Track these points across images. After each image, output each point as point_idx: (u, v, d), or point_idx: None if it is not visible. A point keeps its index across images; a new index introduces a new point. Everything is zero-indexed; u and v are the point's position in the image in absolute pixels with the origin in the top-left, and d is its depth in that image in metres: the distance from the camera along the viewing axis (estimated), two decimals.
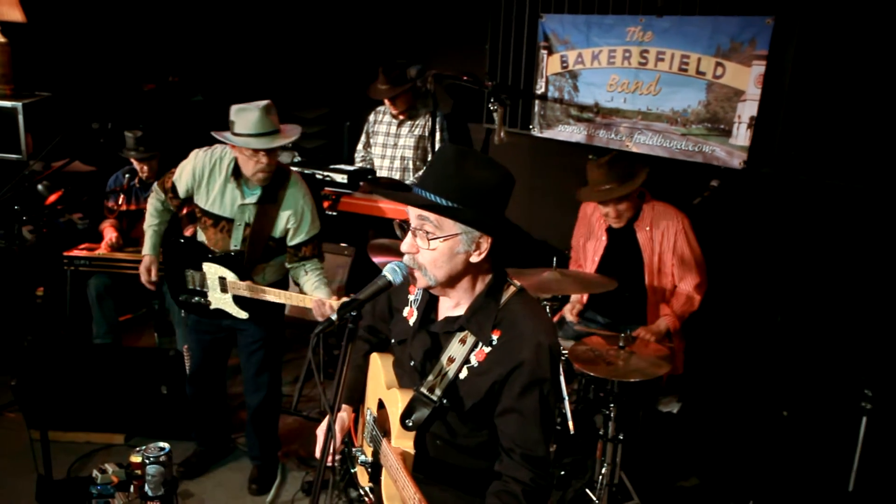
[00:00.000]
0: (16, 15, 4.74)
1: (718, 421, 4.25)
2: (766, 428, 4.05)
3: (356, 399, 2.10)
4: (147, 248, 3.48)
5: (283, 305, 3.46)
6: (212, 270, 3.34)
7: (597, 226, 3.85)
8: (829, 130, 3.75)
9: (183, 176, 3.33)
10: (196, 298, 3.44)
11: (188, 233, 4.01)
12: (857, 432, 3.38)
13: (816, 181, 3.82)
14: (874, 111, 3.58)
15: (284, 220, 3.27)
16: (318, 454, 1.94)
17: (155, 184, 3.52)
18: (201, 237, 3.43)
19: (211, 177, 3.27)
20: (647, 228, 3.67)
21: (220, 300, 3.38)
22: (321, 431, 1.95)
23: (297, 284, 3.45)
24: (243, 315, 3.35)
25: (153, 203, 3.51)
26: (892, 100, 3.52)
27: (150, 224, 3.50)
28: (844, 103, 3.68)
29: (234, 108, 3.12)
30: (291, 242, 3.33)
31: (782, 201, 3.98)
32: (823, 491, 3.66)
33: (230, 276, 3.30)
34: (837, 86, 3.69)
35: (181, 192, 3.36)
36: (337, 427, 1.94)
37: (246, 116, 3.07)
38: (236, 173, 3.23)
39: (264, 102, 3.14)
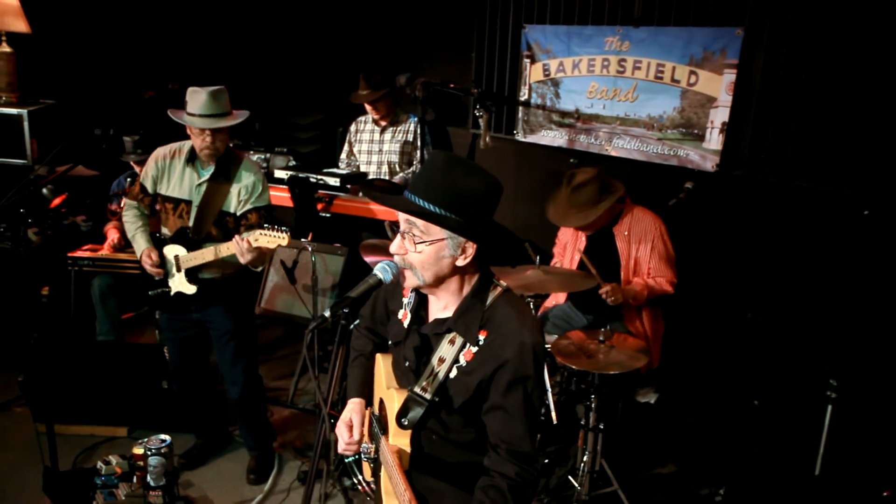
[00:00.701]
0: (21, 26, 4.73)
1: (694, 411, 4.27)
2: (738, 417, 4.07)
3: (367, 393, 2.09)
4: (141, 245, 3.43)
5: (249, 296, 3.55)
6: (169, 253, 3.36)
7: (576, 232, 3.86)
8: (796, 135, 3.78)
9: (148, 171, 3.39)
10: (159, 289, 3.42)
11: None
12: (822, 420, 3.41)
13: (785, 183, 3.84)
14: (838, 116, 3.61)
15: (236, 193, 3.31)
16: (341, 448, 1.95)
17: (125, 198, 3.54)
18: (164, 231, 3.43)
19: (171, 164, 3.35)
20: (626, 233, 3.68)
21: (176, 282, 3.39)
22: (342, 425, 1.95)
23: None
24: (192, 289, 3.35)
25: (129, 214, 3.49)
26: (855, 105, 3.56)
27: (133, 230, 3.48)
28: (810, 109, 3.71)
29: (189, 90, 3.24)
30: (239, 212, 3.34)
31: (753, 202, 4.01)
32: (792, 475, 3.69)
33: (182, 252, 3.32)
34: (804, 92, 3.72)
35: (149, 187, 3.40)
36: (356, 416, 1.96)
37: (196, 98, 3.18)
38: (192, 157, 3.32)
39: (216, 87, 3.24)
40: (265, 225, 3.13)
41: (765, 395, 3.99)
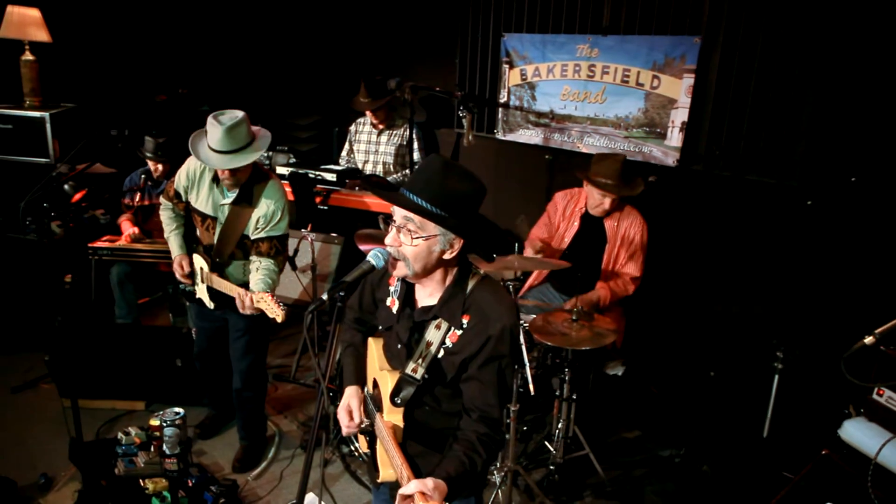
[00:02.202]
0: (43, 36, 4.69)
1: (657, 381, 4.31)
2: (696, 386, 4.11)
3: (361, 380, 2.08)
4: (175, 249, 3.33)
5: None
6: (196, 262, 3.27)
7: (572, 213, 3.83)
8: (747, 133, 3.80)
9: (181, 180, 3.22)
10: (188, 287, 3.38)
11: None
12: (770, 388, 3.48)
13: (737, 176, 3.87)
14: (784, 116, 3.64)
15: (255, 220, 3.12)
16: (344, 431, 1.95)
17: (162, 197, 3.40)
18: (197, 232, 3.33)
19: (201, 179, 3.17)
20: (615, 223, 3.70)
21: (199, 289, 3.31)
22: (342, 412, 1.96)
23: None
24: (210, 305, 3.26)
25: (165, 214, 3.37)
26: (799, 106, 3.59)
27: (169, 232, 3.36)
28: (760, 109, 3.74)
29: (210, 118, 2.91)
30: (253, 237, 3.15)
31: (710, 194, 4.03)
32: (743, 437, 3.74)
33: (206, 267, 3.21)
34: (754, 94, 3.75)
35: (182, 195, 3.26)
36: (355, 402, 1.96)
37: (213, 132, 2.88)
38: (217, 177, 3.11)
39: (235, 118, 2.90)
40: (272, 297, 2.86)
41: (719, 367, 4.04)
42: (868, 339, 1.58)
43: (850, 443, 2.84)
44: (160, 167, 4.36)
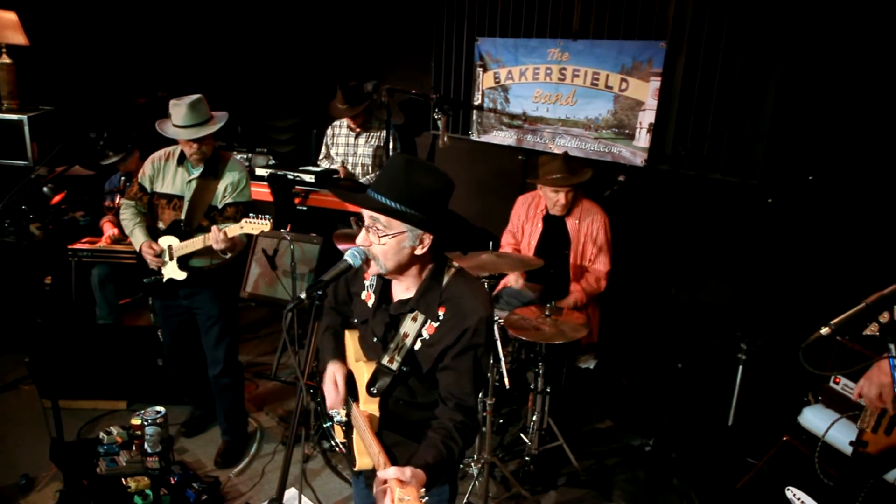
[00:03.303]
0: (19, 39, 4.60)
1: (627, 374, 4.35)
2: (664, 378, 4.15)
3: (342, 356, 2.05)
4: (140, 238, 3.33)
5: (233, 285, 3.46)
6: (163, 243, 3.29)
7: (534, 215, 3.86)
8: (710, 134, 3.86)
9: (146, 171, 3.33)
10: (152, 277, 3.34)
11: None
12: (734, 378, 3.52)
13: (702, 175, 3.92)
14: (745, 117, 3.70)
15: (223, 189, 3.26)
16: (329, 404, 1.95)
17: (124, 199, 3.43)
18: (160, 224, 3.34)
19: (166, 165, 3.31)
20: (577, 221, 3.72)
21: (168, 270, 3.30)
22: (327, 384, 1.95)
23: None
24: (182, 275, 3.28)
25: (128, 212, 3.38)
26: (759, 107, 3.65)
27: (132, 225, 3.37)
28: (722, 111, 3.79)
29: (171, 103, 3.15)
30: (220, 204, 3.27)
31: (676, 192, 4.08)
32: (709, 426, 3.79)
33: (174, 242, 3.26)
34: (716, 97, 3.79)
35: (147, 186, 3.33)
36: (340, 374, 1.95)
37: (178, 110, 3.11)
38: (182, 158, 3.28)
39: (194, 97, 3.15)
40: (250, 214, 3.11)
41: (687, 359, 4.08)
42: (824, 330, 1.60)
43: (809, 429, 2.90)
44: (131, 163, 4.29)
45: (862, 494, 2.41)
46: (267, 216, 3.06)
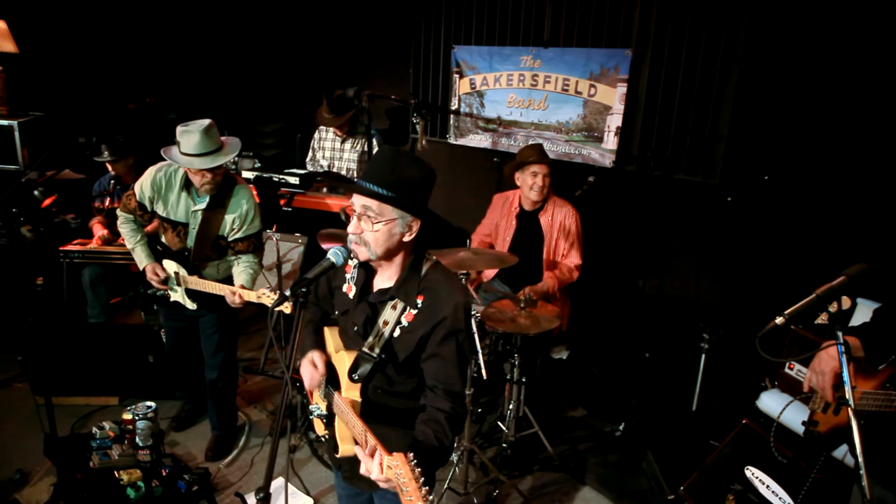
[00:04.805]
0: (9, 46, 4.51)
1: (598, 364, 4.38)
2: (633, 367, 4.20)
3: (321, 346, 2.04)
4: (143, 260, 3.16)
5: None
6: (170, 267, 3.16)
7: (508, 213, 3.87)
8: (674, 136, 3.89)
9: (144, 191, 3.05)
10: (159, 292, 3.25)
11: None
12: (697, 366, 3.57)
13: (666, 176, 3.96)
14: (705, 120, 3.74)
15: (230, 222, 3.07)
16: (307, 384, 1.93)
17: (119, 210, 3.18)
18: (163, 238, 3.19)
19: (168, 188, 3.03)
20: (549, 217, 3.74)
21: (177, 295, 3.20)
22: (305, 365, 1.93)
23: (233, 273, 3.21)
24: (192, 306, 3.17)
25: (127, 227, 3.17)
26: (719, 112, 3.69)
27: (134, 244, 3.18)
28: (684, 114, 3.83)
29: (179, 129, 2.85)
30: (230, 238, 3.11)
31: (642, 191, 4.11)
32: (674, 411, 3.85)
33: (182, 272, 3.12)
34: (679, 103, 3.83)
35: (147, 206, 3.08)
36: (318, 356, 1.93)
37: (189, 138, 2.81)
38: (187, 185, 3.01)
39: (205, 123, 2.86)
40: (269, 287, 2.88)
41: (653, 349, 4.14)
42: (779, 320, 1.64)
43: (766, 412, 2.96)
44: (120, 167, 4.22)
45: (814, 471, 2.46)
46: (287, 295, 2.81)
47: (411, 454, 1.48)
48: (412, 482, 1.41)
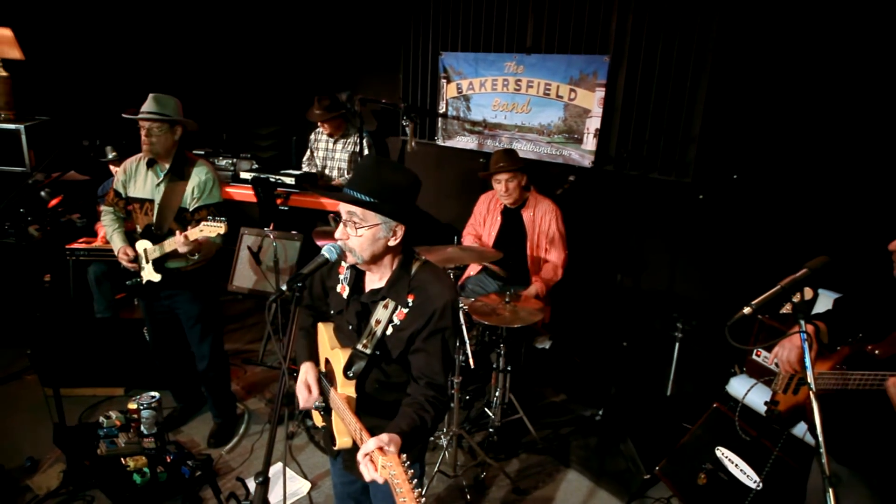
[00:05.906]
0: (15, 54, 4.48)
1: (579, 352, 4.41)
2: (611, 355, 4.24)
3: (314, 357, 2.06)
4: (118, 243, 3.21)
5: (212, 284, 3.31)
6: (139, 247, 3.15)
7: (493, 209, 3.89)
8: (649, 138, 3.92)
9: (119, 177, 3.18)
10: (134, 280, 3.23)
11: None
12: (672, 354, 3.61)
13: (642, 175, 3.98)
14: (678, 122, 3.77)
15: (191, 191, 3.08)
16: (301, 405, 1.92)
17: (103, 205, 3.28)
18: (137, 228, 3.20)
19: (137, 170, 3.14)
20: (532, 213, 3.76)
21: (146, 273, 3.17)
22: (300, 387, 1.93)
23: None
24: (156, 277, 3.14)
25: (108, 217, 3.26)
26: (691, 115, 3.72)
27: (111, 231, 3.25)
28: (658, 117, 3.86)
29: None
30: (191, 208, 3.10)
31: (619, 190, 4.13)
32: (651, 396, 3.89)
33: (148, 246, 3.12)
34: (653, 106, 3.85)
35: (122, 191, 3.17)
36: (311, 377, 1.92)
37: (146, 102, 3.02)
38: (151, 161, 3.10)
39: (165, 95, 3.03)
40: (208, 217, 2.94)
41: (630, 338, 4.18)
42: (747, 310, 1.66)
43: (736, 396, 3.01)
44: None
45: (776, 449, 2.51)
46: (222, 218, 2.89)
47: (404, 455, 1.48)
48: (405, 483, 1.40)
